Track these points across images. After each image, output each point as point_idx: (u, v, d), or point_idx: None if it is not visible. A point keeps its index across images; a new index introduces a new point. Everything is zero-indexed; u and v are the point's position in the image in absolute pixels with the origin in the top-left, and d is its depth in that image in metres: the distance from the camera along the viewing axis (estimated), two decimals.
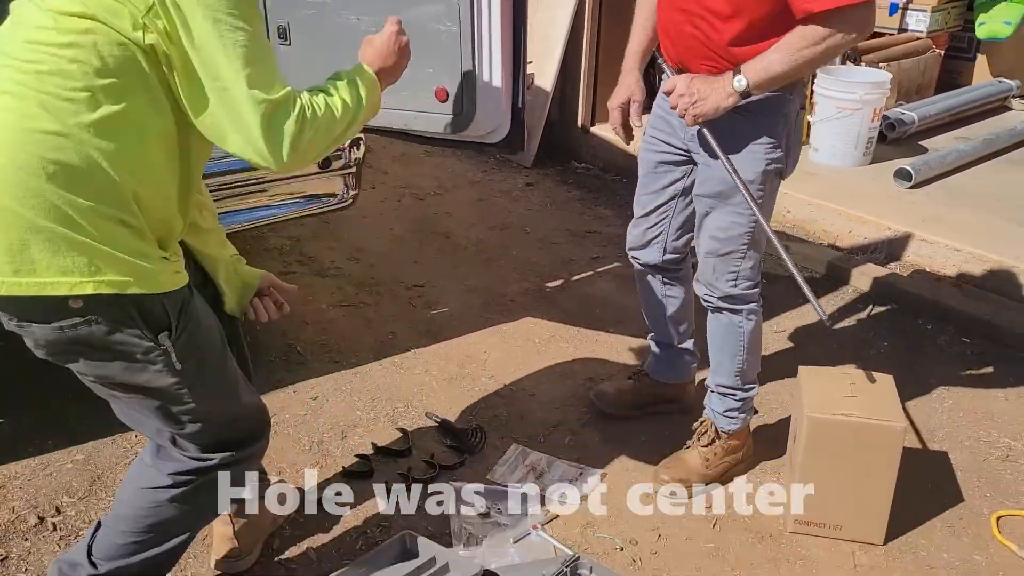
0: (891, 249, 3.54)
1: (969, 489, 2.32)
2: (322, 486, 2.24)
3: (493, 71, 2.16)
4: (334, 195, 2.63)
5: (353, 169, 2.63)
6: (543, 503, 2.21)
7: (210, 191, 2.39)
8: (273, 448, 2.39)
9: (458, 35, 2.15)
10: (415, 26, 2.18)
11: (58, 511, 2.16)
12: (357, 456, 2.37)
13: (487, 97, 2.19)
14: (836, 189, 3.89)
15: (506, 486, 2.26)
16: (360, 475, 2.29)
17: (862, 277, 3.38)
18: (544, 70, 4.45)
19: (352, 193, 2.65)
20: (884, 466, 2.02)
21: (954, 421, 2.60)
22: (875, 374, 2.19)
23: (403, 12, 2.17)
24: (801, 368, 2.23)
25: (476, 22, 2.12)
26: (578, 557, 1.71)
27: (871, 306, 3.27)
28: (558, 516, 2.16)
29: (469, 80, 2.17)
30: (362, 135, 2.59)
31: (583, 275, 3.49)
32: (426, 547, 1.94)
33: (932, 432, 2.56)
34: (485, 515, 2.16)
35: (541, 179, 4.50)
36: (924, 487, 2.32)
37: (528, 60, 2.23)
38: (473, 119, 2.21)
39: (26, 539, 2.07)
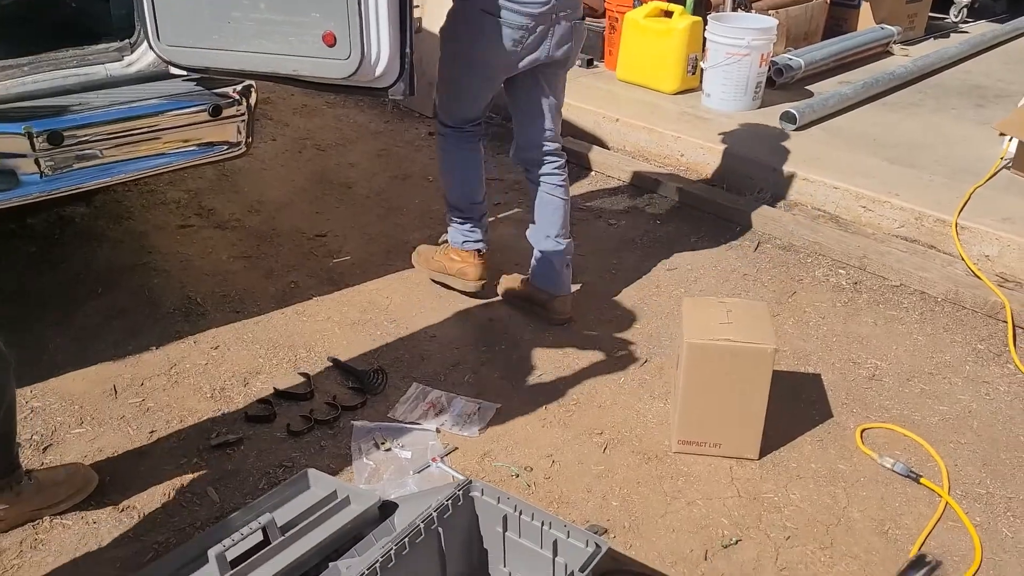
0: (776, 189, 3.71)
1: (837, 406, 2.50)
2: (222, 432, 2.28)
3: (380, 14, 2.18)
4: (227, 143, 2.62)
5: (245, 116, 2.61)
6: (442, 437, 2.29)
7: (101, 140, 2.37)
8: (173, 397, 2.42)
9: None
10: None
11: None
12: (259, 401, 2.41)
13: (375, 41, 2.21)
14: (726, 132, 4.04)
15: (407, 423, 2.34)
16: (262, 419, 2.34)
17: (750, 216, 3.54)
18: (438, 15, 4.43)
19: (246, 140, 2.64)
20: (757, 386, 2.18)
21: (827, 346, 2.79)
22: (751, 302, 2.34)
23: None
24: (684, 299, 2.36)
25: None
26: (470, 481, 1.80)
27: (757, 243, 3.44)
28: (456, 449, 2.26)
29: (356, 24, 2.18)
30: (253, 83, 2.57)
31: (497, 216, 3.55)
32: (327, 482, 2.01)
33: (807, 356, 2.74)
34: (387, 451, 2.23)
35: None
36: (796, 406, 2.50)
37: (415, 3, 2.26)
38: (361, 64, 2.22)
39: None
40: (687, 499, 2.15)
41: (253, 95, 2.63)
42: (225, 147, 2.63)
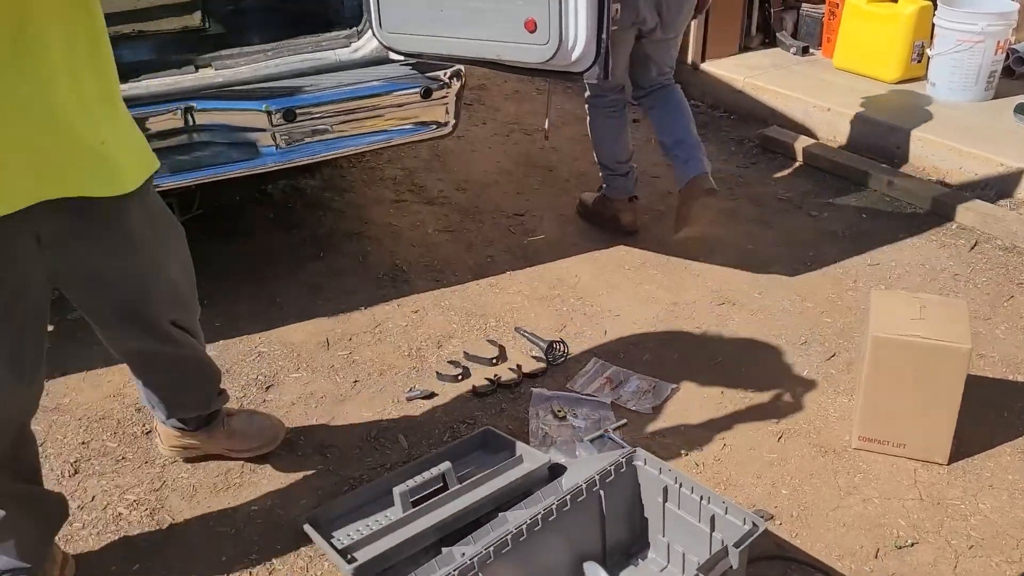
0: (1002, 186, 3.43)
1: None
2: (415, 387, 2.49)
3: (579, 2, 2.28)
4: (436, 122, 2.82)
5: (453, 98, 2.80)
6: (616, 411, 2.37)
7: (329, 117, 2.65)
8: (376, 353, 2.66)
9: None
10: None
11: None
12: (450, 361, 2.59)
13: (573, 27, 2.31)
14: (950, 125, 3.78)
15: (583, 394, 2.44)
16: (451, 378, 2.52)
17: (967, 213, 3.31)
18: None
19: (452, 121, 2.84)
20: (948, 387, 2.07)
21: None
22: (948, 299, 2.22)
23: None
24: (873, 291, 2.28)
25: None
26: (635, 450, 1.87)
27: (975, 243, 3.21)
28: (628, 423, 2.32)
29: (556, 11, 2.29)
30: (461, 67, 2.75)
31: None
32: (503, 441, 2.16)
33: (1018, 365, 2.54)
34: (562, 419, 2.34)
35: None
36: (1000, 416, 2.33)
37: None
38: (559, 49, 2.33)
39: None
40: (863, 496, 2.09)
41: (461, 79, 2.82)
42: (434, 126, 2.84)
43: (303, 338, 2.74)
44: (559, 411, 2.36)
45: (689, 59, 4.63)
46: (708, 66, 4.60)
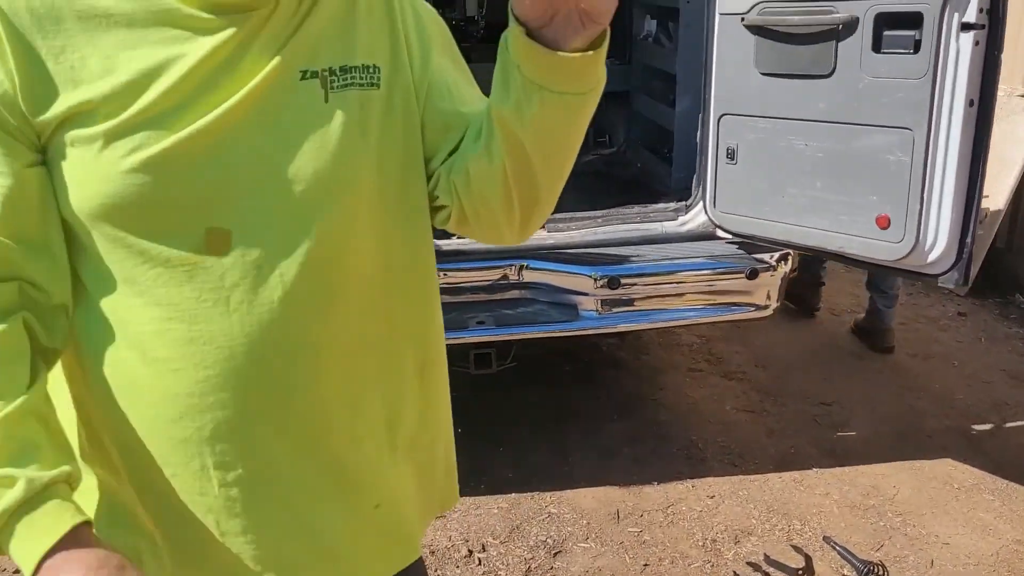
0: None
1: None
2: None
3: (944, 203, 2.13)
4: (756, 304, 2.74)
5: (778, 282, 2.71)
6: None
7: (650, 288, 2.66)
8: (668, 536, 2.53)
9: (909, 165, 2.15)
10: (861, 153, 2.25)
11: (483, 548, 2.50)
12: (748, 563, 2.40)
13: (934, 228, 2.16)
14: None
15: None
16: None
17: None
18: (995, 190, 4.13)
19: (774, 305, 2.74)
20: None
21: None
22: None
23: (852, 141, 2.25)
24: None
25: (931, 154, 2.11)
26: None
27: None
28: None
29: (915, 209, 2.16)
30: (790, 251, 2.67)
31: (1019, 423, 3.14)
32: None
33: None
34: None
35: (976, 310, 4.15)
36: None
37: (985, 193, 2.16)
38: (914, 249, 2.18)
39: (457, 566, 2.43)
40: None
41: (789, 262, 2.72)
42: (753, 308, 2.75)
43: (593, 505, 2.68)
44: None
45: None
46: None
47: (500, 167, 0.87)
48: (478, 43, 5.33)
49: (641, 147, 3.72)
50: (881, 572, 2.33)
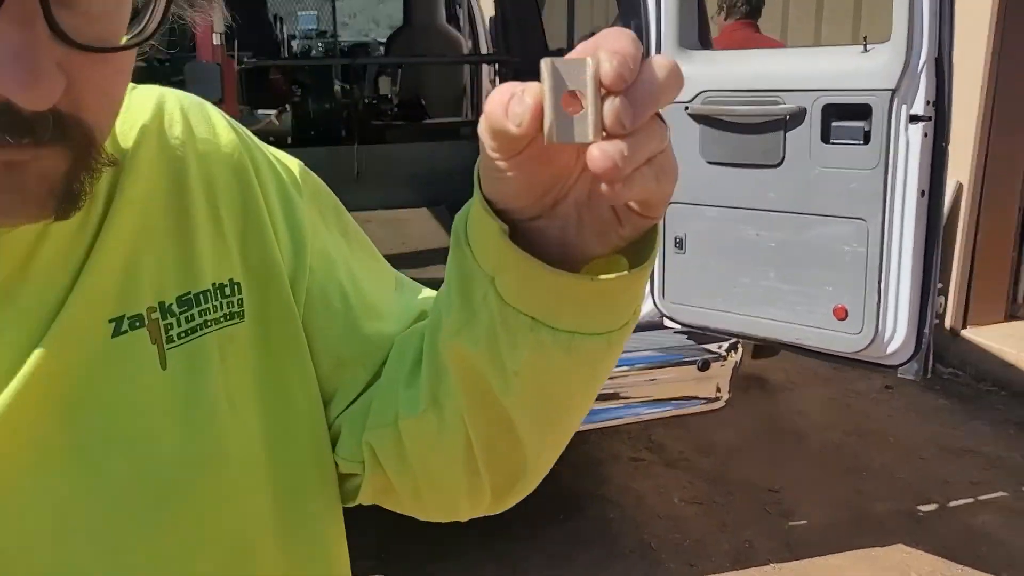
0: None
1: None
2: None
3: (901, 294, 2.10)
4: (707, 398, 2.65)
5: (729, 373, 2.63)
6: None
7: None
8: None
9: (865, 255, 2.12)
10: (815, 243, 2.21)
11: None
12: None
13: (892, 319, 2.12)
14: None
15: None
16: None
17: None
18: None
19: (726, 396, 2.65)
20: None
21: None
22: None
23: (805, 231, 2.21)
24: None
25: (886, 245, 2.09)
26: None
27: None
28: None
29: (873, 300, 2.12)
30: (740, 341, 2.60)
31: (962, 502, 3.13)
32: None
33: None
34: None
35: (901, 382, 4.19)
36: None
37: (939, 285, 2.14)
38: (874, 340, 2.14)
39: None
40: None
41: (739, 352, 2.66)
42: (704, 401, 2.66)
43: None
44: None
45: (948, 324, 4.31)
46: (971, 333, 4.24)
47: (458, 436, 0.56)
48: (392, 121, 5.24)
49: None
50: None
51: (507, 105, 0.41)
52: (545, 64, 0.40)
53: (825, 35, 5.16)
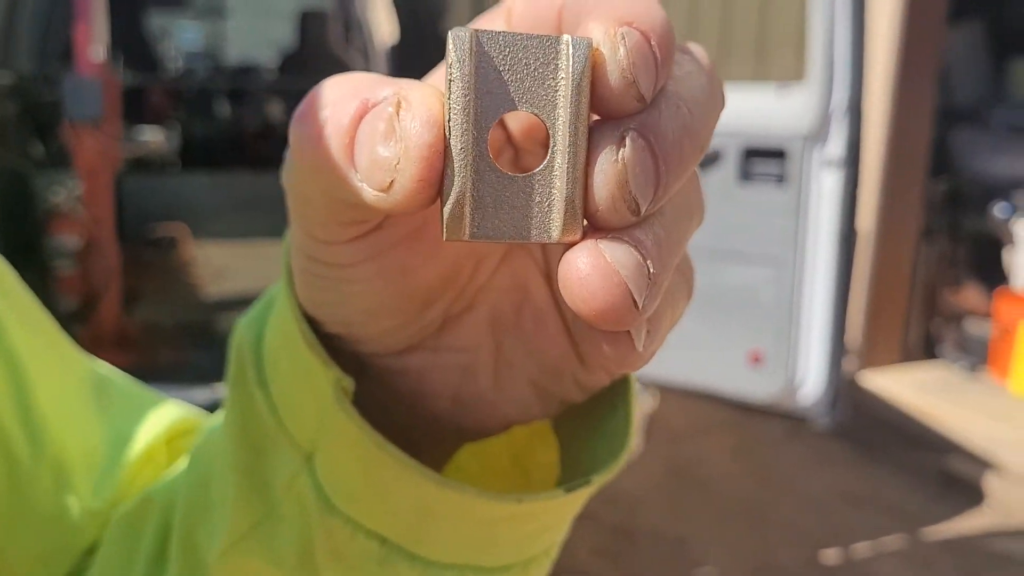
0: None
1: None
2: None
3: (813, 340, 2.06)
4: None
5: (643, 420, 2.55)
6: None
7: None
8: None
9: (779, 300, 2.08)
10: (731, 287, 2.15)
11: None
12: None
13: (804, 365, 2.07)
14: None
15: None
16: None
17: None
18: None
19: (640, 446, 2.56)
20: None
21: None
22: None
23: (722, 274, 2.15)
24: None
25: (800, 290, 2.05)
26: None
27: None
28: None
29: (784, 346, 2.07)
30: (655, 389, 2.52)
31: (864, 551, 3.12)
32: None
33: None
34: None
35: (801, 428, 4.22)
36: None
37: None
38: (787, 386, 2.08)
39: None
40: None
41: (652, 399, 2.58)
42: None
43: None
44: None
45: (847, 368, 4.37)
46: (868, 377, 4.31)
47: None
48: (282, 147, 5.04)
49: None
50: None
51: (353, 137, 0.20)
52: (460, 41, 0.18)
53: (730, 73, 5.26)
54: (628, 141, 0.19)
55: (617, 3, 0.19)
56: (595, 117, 0.19)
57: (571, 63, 0.18)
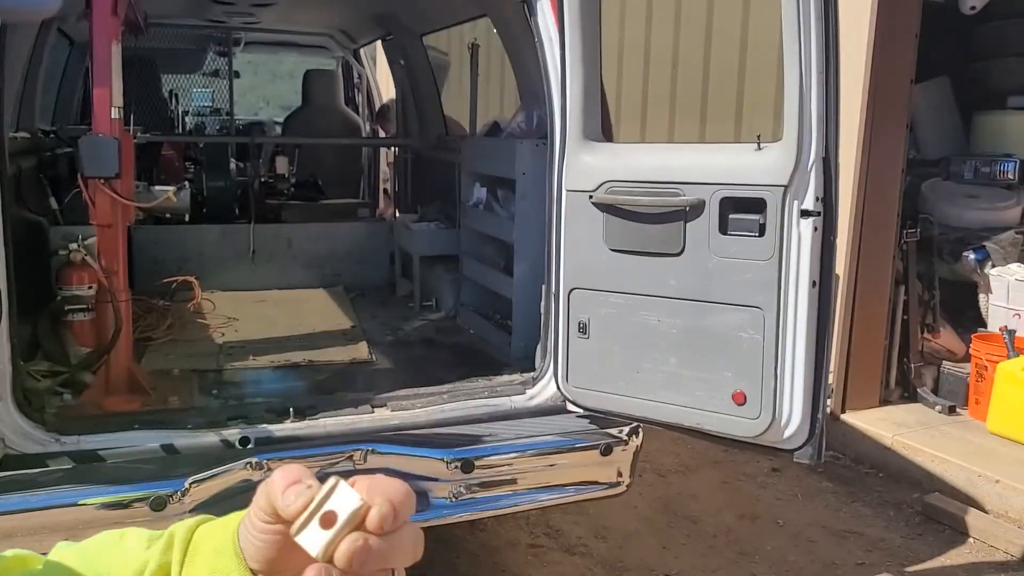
0: None
1: None
2: None
3: (796, 380, 2.18)
4: (608, 483, 2.65)
5: (630, 457, 2.65)
6: None
7: (504, 470, 2.49)
8: None
9: (761, 343, 2.20)
10: (714, 330, 2.28)
11: None
12: None
13: (788, 404, 2.19)
14: None
15: None
16: None
17: None
18: None
19: (627, 481, 2.66)
20: None
21: None
22: None
23: (704, 318, 2.28)
24: None
25: (781, 333, 2.17)
26: None
27: None
28: None
29: (770, 386, 2.19)
30: (640, 425, 2.63)
31: None
32: None
33: None
34: None
35: (786, 464, 4.32)
36: None
37: (830, 369, 2.24)
38: (771, 425, 2.20)
39: None
40: None
41: (640, 436, 2.68)
42: (606, 486, 2.66)
43: None
44: None
45: (829, 408, 4.49)
46: (849, 417, 4.44)
47: None
48: (288, 201, 5.18)
49: (473, 312, 3.65)
50: None
51: (289, 487, 0.48)
52: (333, 480, 0.46)
53: (709, 134, 5.46)
54: (359, 543, 0.47)
55: (392, 491, 0.50)
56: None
57: (358, 507, 0.49)
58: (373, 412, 2.59)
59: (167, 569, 0.59)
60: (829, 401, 4.48)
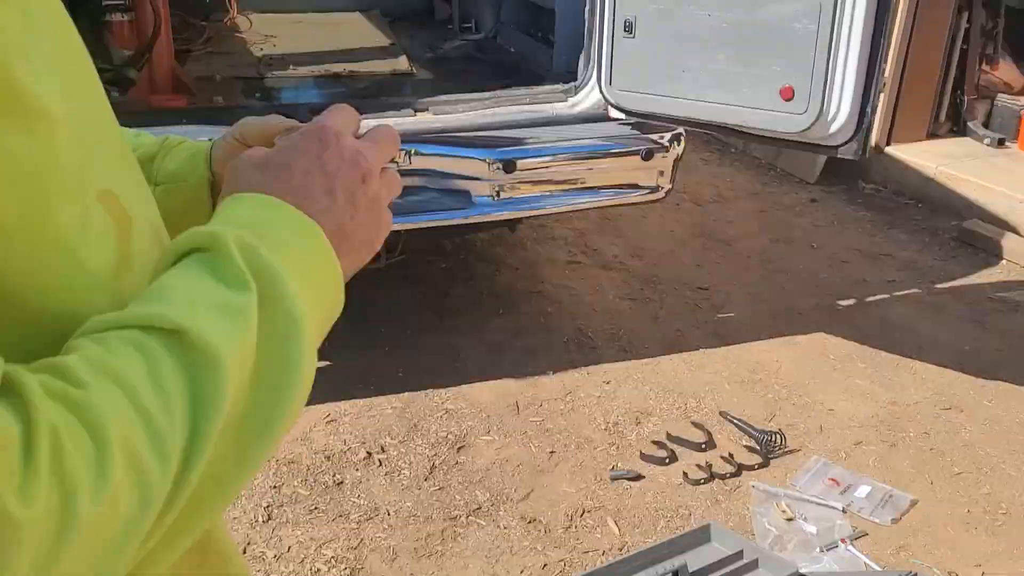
0: None
1: None
2: (618, 465, 2.31)
3: (847, 73, 2.13)
4: (650, 187, 2.69)
5: (671, 163, 2.67)
6: (849, 519, 2.13)
7: (547, 172, 2.54)
8: (570, 422, 2.50)
9: (815, 34, 2.13)
10: (766, 22, 2.20)
11: (382, 449, 2.37)
12: (654, 442, 2.41)
13: (836, 99, 2.15)
14: None
15: (808, 495, 2.21)
16: (658, 460, 2.33)
17: None
18: None
19: (668, 187, 2.70)
20: None
21: None
22: None
23: (757, 9, 2.19)
24: None
25: (837, 22, 2.09)
26: (915, 574, 1.64)
27: None
28: (867, 535, 2.08)
29: (820, 79, 2.14)
30: (683, 130, 2.62)
31: (879, 297, 3.33)
32: (731, 539, 1.94)
33: None
34: (790, 519, 2.12)
35: (826, 197, 4.34)
36: None
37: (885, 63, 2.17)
38: (817, 120, 2.18)
39: (356, 470, 2.29)
40: None
41: (681, 143, 2.68)
42: (647, 190, 2.70)
43: (491, 398, 2.60)
44: (784, 511, 2.14)
45: (873, 141, 4.42)
46: (893, 150, 4.37)
47: None
48: None
49: (514, 30, 3.55)
50: (778, 439, 2.40)
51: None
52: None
53: None
54: None
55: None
56: None
57: None
58: (415, 116, 2.60)
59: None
60: (873, 134, 4.42)
